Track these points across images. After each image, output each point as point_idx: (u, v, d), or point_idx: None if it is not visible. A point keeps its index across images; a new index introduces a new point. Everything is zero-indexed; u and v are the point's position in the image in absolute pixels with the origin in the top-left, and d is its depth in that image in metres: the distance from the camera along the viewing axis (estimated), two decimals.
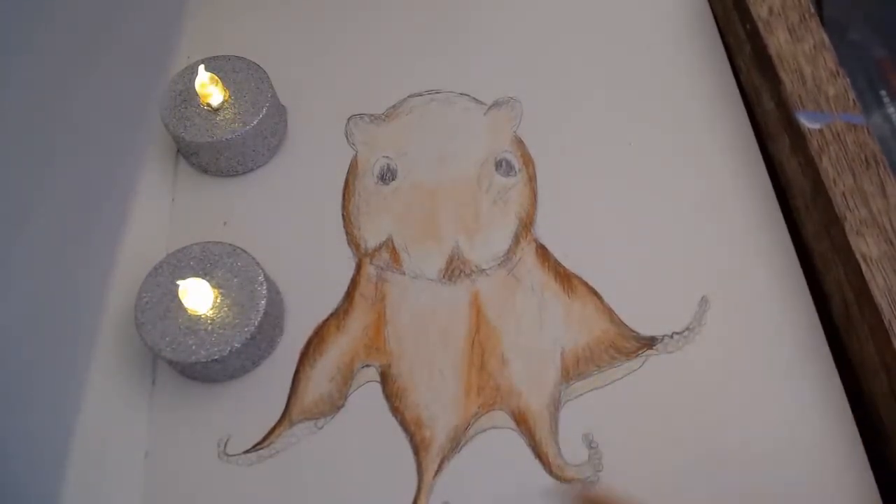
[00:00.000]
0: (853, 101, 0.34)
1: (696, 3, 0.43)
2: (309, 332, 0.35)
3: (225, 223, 0.38)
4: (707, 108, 0.39)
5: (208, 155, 0.38)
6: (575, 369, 0.33)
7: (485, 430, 0.32)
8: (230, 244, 0.34)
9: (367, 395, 0.33)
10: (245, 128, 0.37)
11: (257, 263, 0.33)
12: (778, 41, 0.36)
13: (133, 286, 0.33)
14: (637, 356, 0.33)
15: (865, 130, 0.33)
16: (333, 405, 0.33)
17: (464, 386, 0.33)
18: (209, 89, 0.37)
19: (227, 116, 0.37)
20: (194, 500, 0.32)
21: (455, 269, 0.36)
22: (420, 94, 0.41)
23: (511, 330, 0.34)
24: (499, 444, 0.32)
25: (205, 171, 0.39)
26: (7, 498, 0.27)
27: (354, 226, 0.37)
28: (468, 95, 0.41)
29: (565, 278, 0.35)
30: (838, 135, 0.33)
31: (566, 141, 0.39)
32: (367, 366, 0.34)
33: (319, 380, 0.34)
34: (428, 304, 0.35)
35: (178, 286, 0.32)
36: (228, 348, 0.31)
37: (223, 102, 0.38)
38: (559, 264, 0.35)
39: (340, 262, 0.36)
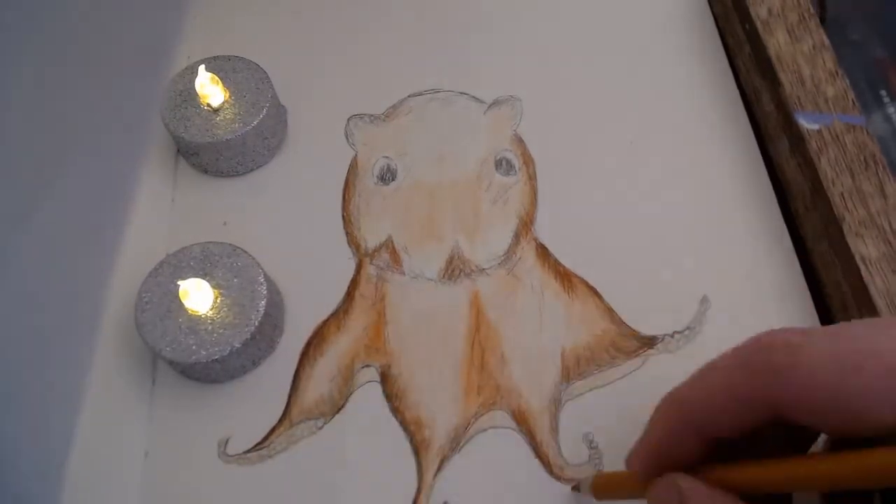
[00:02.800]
0: (852, 101, 0.34)
1: (696, 4, 0.43)
2: (309, 332, 0.35)
3: (225, 223, 0.38)
4: (707, 108, 0.39)
5: (208, 155, 0.38)
6: (575, 369, 0.33)
7: (485, 430, 0.32)
8: (230, 244, 0.34)
9: (368, 396, 0.33)
10: (245, 128, 0.37)
11: (257, 264, 0.33)
12: (777, 42, 0.36)
13: (133, 286, 0.33)
14: (637, 356, 0.33)
15: (864, 131, 0.33)
16: (334, 405, 0.33)
17: (464, 386, 0.33)
18: (209, 89, 0.37)
19: (228, 117, 0.37)
20: (194, 501, 0.32)
21: (455, 268, 0.36)
22: (420, 94, 0.41)
23: (511, 329, 0.34)
24: (499, 443, 0.32)
25: (205, 171, 0.39)
26: (6, 498, 0.27)
27: (354, 226, 0.37)
28: (468, 94, 0.41)
29: (565, 277, 0.35)
30: (837, 136, 0.33)
31: (566, 140, 0.39)
32: (368, 366, 0.34)
33: (320, 380, 0.34)
34: (428, 303, 0.35)
35: (178, 286, 0.32)
36: (229, 348, 0.31)
37: (223, 103, 0.38)
38: (559, 263, 0.35)
39: (340, 262, 0.36)
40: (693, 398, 0.21)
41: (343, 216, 0.38)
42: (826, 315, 0.33)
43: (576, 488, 0.30)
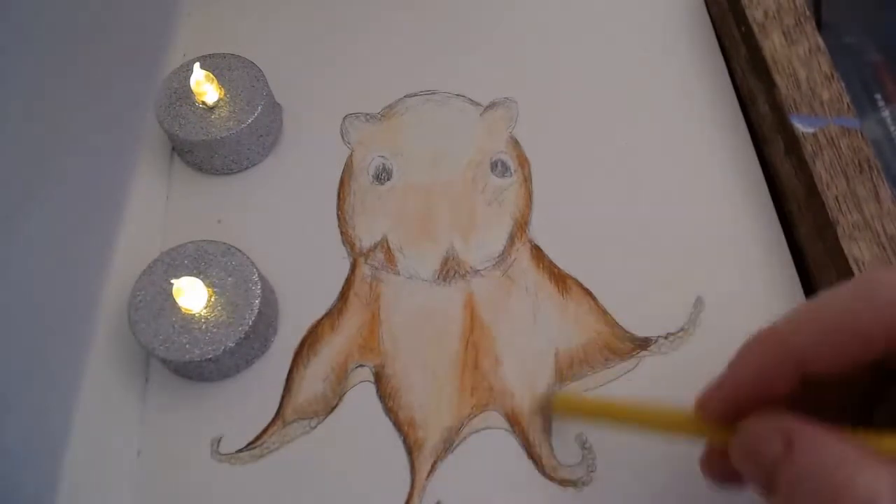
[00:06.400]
0: (847, 104, 0.34)
1: (693, 6, 0.43)
2: (303, 331, 0.35)
3: (219, 221, 0.38)
4: (703, 110, 0.39)
5: (203, 153, 0.38)
6: (569, 370, 0.33)
7: (478, 431, 0.32)
8: (225, 243, 0.34)
9: (361, 396, 0.33)
10: (240, 126, 0.37)
11: (252, 262, 0.33)
12: (773, 44, 0.36)
13: (127, 284, 0.33)
14: (631, 357, 0.33)
15: (859, 135, 0.33)
16: (327, 405, 0.33)
17: (457, 386, 0.33)
18: (204, 87, 0.37)
19: (222, 114, 0.37)
20: (187, 500, 0.32)
21: (450, 269, 0.36)
22: (416, 95, 0.41)
23: (505, 331, 0.34)
24: (492, 444, 0.32)
25: (199, 169, 0.39)
26: (1, 496, 0.27)
27: (349, 225, 0.37)
28: (464, 96, 0.41)
29: (560, 279, 0.35)
30: (832, 139, 0.33)
31: (562, 142, 0.39)
32: (361, 366, 0.34)
33: (313, 379, 0.34)
34: (422, 304, 0.35)
35: (172, 285, 0.32)
36: (222, 347, 0.31)
37: (218, 100, 0.38)
38: (554, 265, 0.35)
39: (335, 261, 0.36)
40: (797, 331, 0.21)
41: (338, 215, 0.38)
42: None
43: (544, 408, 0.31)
